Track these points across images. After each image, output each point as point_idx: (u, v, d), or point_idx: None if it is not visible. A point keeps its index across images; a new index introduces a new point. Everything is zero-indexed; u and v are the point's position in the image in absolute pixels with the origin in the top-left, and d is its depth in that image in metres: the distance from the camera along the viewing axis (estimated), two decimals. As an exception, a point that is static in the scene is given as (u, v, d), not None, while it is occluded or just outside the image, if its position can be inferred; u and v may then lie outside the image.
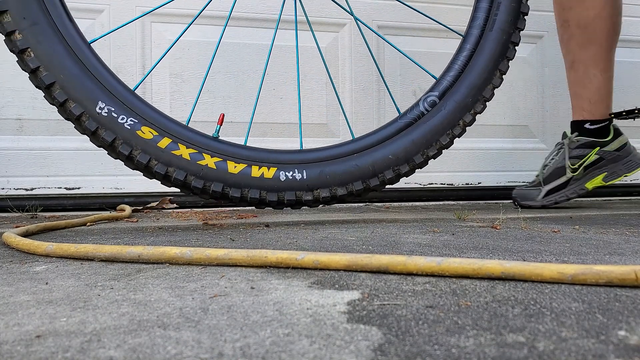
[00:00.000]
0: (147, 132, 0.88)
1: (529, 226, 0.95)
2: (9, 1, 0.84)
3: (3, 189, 1.44)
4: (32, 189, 1.46)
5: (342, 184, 0.97)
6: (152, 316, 0.39)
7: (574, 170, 1.42)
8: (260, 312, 0.40)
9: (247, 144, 0.98)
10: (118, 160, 0.91)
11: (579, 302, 0.42)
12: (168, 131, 0.90)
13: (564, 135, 1.49)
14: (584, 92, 1.43)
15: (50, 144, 1.48)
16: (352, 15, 1.16)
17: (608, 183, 1.47)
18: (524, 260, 0.59)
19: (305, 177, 0.95)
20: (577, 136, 1.45)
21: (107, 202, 1.45)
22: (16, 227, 0.92)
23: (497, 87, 1.04)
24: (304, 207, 1.03)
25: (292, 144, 1.62)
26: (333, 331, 0.35)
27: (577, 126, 1.47)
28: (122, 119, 0.87)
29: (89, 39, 0.91)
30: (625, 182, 1.92)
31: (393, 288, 0.47)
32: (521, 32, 1.05)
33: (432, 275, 0.51)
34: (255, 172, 0.93)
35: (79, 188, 1.48)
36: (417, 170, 1.02)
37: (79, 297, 0.46)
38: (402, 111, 1.05)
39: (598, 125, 1.44)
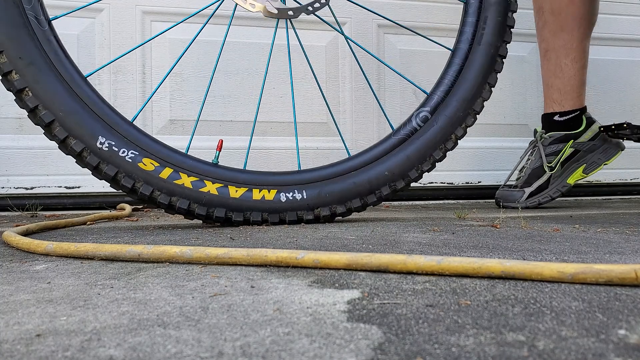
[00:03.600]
0: (148, 164, 0.90)
1: (529, 225, 0.95)
2: (4, 42, 0.84)
3: (3, 187, 1.44)
4: (32, 188, 1.46)
5: (340, 202, 0.98)
6: (152, 315, 0.39)
7: (552, 168, 1.40)
8: (260, 311, 0.40)
9: (246, 168, 1.00)
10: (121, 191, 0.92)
11: (579, 301, 0.42)
12: (169, 161, 0.92)
13: (535, 132, 1.46)
14: (555, 81, 1.40)
15: (51, 143, 1.48)
16: (342, 33, 1.15)
17: (589, 174, 1.44)
18: (524, 259, 0.59)
19: (305, 197, 0.97)
20: (547, 132, 1.42)
21: (107, 201, 1.45)
22: (16, 226, 0.92)
23: (486, 100, 1.05)
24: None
25: (292, 143, 1.62)
26: (333, 330, 0.35)
27: (547, 120, 1.44)
28: (123, 152, 0.89)
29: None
30: (626, 181, 1.92)
31: (393, 287, 0.47)
32: (508, 44, 1.07)
33: (432, 274, 0.51)
34: (257, 195, 0.95)
35: (79, 187, 1.48)
36: (411, 184, 1.03)
37: (79, 296, 0.46)
38: (395, 127, 1.06)
39: (567, 117, 1.41)
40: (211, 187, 0.92)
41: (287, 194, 0.96)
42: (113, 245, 0.62)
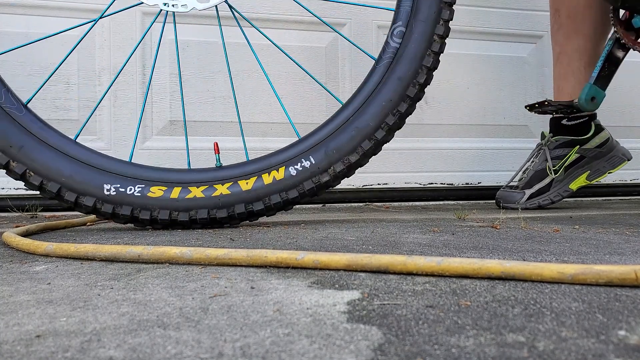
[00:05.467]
0: (157, 191, 0.91)
1: (529, 226, 0.95)
2: None
3: (3, 188, 1.44)
4: (32, 189, 1.46)
5: (351, 152, 0.96)
6: (152, 316, 0.39)
7: (555, 172, 1.39)
8: (260, 312, 0.40)
9: (249, 159, 1.00)
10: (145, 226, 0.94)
11: (579, 301, 0.42)
12: (174, 181, 0.93)
13: (543, 136, 1.45)
14: (566, 85, 1.39)
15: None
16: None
17: (593, 182, 1.43)
18: (524, 260, 0.59)
19: (314, 162, 0.95)
20: (554, 135, 1.42)
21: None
22: (16, 226, 0.92)
23: None
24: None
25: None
26: (333, 331, 0.35)
27: (555, 124, 1.44)
28: (130, 189, 0.91)
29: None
30: (625, 182, 1.92)
31: (393, 288, 0.47)
32: None
33: (432, 275, 0.51)
34: (267, 179, 0.94)
35: (79, 188, 1.48)
36: (415, 103, 0.99)
37: (79, 296, 0.46)
38: (375, 57, 1.02)
39: (576, 122, 1.40)
40: (222, 189, 0.92)
41: (295, 166, 0.95)
42: (113, 246, 0.62)
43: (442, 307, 0.41)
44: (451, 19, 1.01)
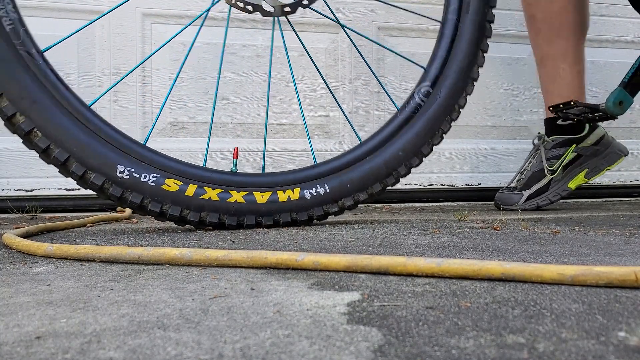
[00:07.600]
0: (172, 184, 0.88)
1: (529, 227, 0.95)
2: (3, 83, 0.79)
3: (3, 190, 1.44)
4: (32, 190, 1.46)
5: (362, 189, 0.99)
6: (152, 317, 0.39)
7: (552, 172, 1.40)
8: (260, 313, 0.40)
9: (265, 171, 1.00)
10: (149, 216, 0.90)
11: (579, 303, 0.42)
12: (191, 177, 0.90)
13: (539, 137, 1.46)
14: (554, 87, 1.40)
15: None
16: (340, 25, 1.15)
17: (591, 180, 1.44)
18: (524, 262, 0.59)
19: (328, 190, 0.97)
20: (550, 135, 1.43)
21: (107, 203, 1.45)
22: (16, 228, 0.92)
23: (481, 67, 1.07)
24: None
25: (292, 145, 1.62)
26: (333, 332, 0.35)
27: (550, 124, 1.44)
28: (145, 177, 0.86)
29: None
30: (626, 183, 1.92)
31: (393, 289, 0.47)
32: (494, 9, 1.08)
33: (432, 276, 0.51)
34: (282, 196, 0.94)
35: (79, 189, 1.48)
36: (423, 160, 1.04)
37: (78, 298, 0.46)
38: (399, 106, 1.06)
39: (570, 121, 1.41)
40: (237, 197, 0.91)
41: (310, 190, 0.96)
42: (113, 247, 0.62)
43: (442, 308, 0.41)
44: (470, 94, 1.07)
